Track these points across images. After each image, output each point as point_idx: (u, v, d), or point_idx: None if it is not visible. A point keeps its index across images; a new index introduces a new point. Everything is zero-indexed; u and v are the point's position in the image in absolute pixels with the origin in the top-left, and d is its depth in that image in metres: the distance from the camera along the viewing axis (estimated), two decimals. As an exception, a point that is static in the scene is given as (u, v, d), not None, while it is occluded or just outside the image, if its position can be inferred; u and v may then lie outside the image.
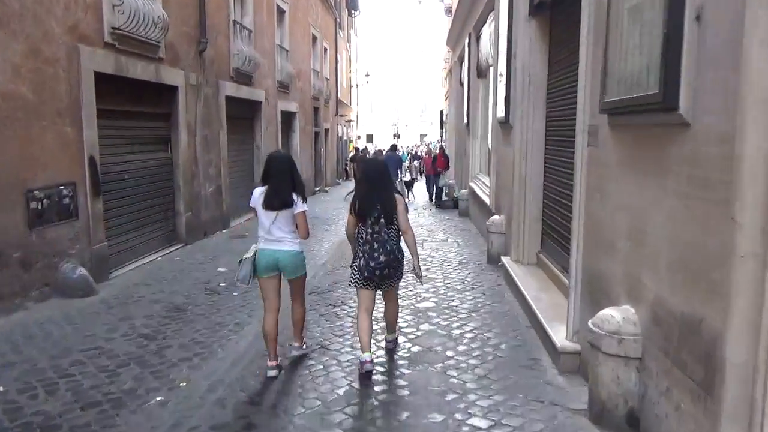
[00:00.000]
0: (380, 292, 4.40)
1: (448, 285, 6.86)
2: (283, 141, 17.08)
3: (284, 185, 4.09)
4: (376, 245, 4.11)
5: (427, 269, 7.77)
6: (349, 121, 37.51)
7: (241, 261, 4.19)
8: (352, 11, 37.93)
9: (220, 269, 8.11)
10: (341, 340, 5.00)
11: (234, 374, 4.30)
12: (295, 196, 4.09)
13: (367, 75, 41.43)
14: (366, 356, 4.12)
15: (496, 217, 7.77)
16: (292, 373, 4.33)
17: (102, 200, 7.34)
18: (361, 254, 4.19)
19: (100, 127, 7.24)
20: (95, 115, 7.10)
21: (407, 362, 4.48)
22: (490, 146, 10.71)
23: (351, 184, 28.96)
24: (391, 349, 4.67)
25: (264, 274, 4.16)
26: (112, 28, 7.43)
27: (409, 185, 17.64)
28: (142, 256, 8.47)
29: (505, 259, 6.89)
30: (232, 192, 12.67)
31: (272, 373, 4.18)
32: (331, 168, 26.16)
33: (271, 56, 15.29)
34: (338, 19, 27.96)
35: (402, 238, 4.34)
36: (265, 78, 14.78)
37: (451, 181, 18.05)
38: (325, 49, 24.08)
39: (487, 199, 9.27)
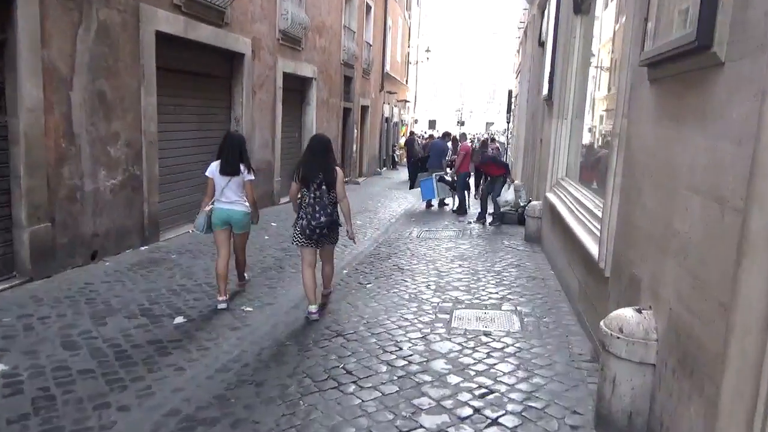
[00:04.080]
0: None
1: None
2: (288, 115, 12.57)
3: (234, 158, 5.04)
4: (317, 207, 4.65)
5: (439, 433, 3.05)
6: (404, 101, 32.74)
7: (199, 213, 5.14)
8: (415, -24, 33.00)
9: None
10: None
11: None
12: (242, 167, 5.07)
13: (427, 50, 36.31)
14: (312, 308, 4.85)
15: (629, 314, 2.88)
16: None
17: None
18: (303, 215, 4.71)
19: None
20: None
21: None
22: (598, 127, 5.85)
23: (397, 174, 24.22)
24: (324, 303, 5.10)
25: (218, 227, 5.13)
26: None
27: (451, 185, 12.56)
28: None
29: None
30: (172, 186, 8.29)
31: (222, 306, 5.04)
32: (370, 155, 21.54)
33: (267, -9, 10.75)
34: (391, -25, 23.14)
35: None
36: (256, 22, 10.27)
37: (516, 182, 12.97)
38: (369, 7, 19.36)
39: (593, 248, 4.33)
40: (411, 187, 15.13)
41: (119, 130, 6.78)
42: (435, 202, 13.15)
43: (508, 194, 10.60)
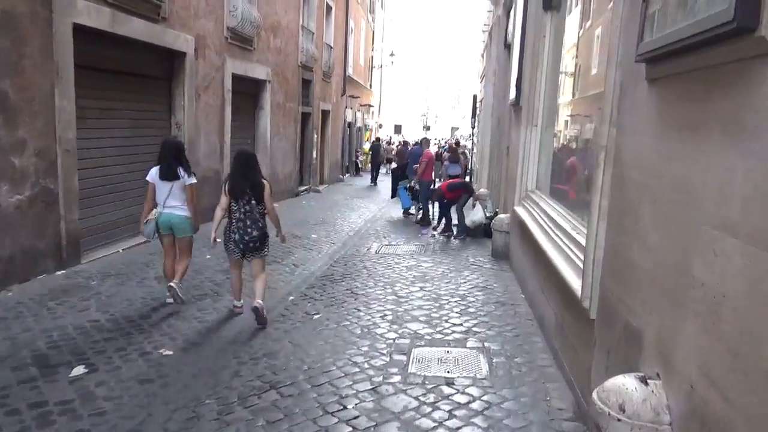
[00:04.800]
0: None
1: None
2: (239, 121, 11.69)
3: (174, 163, 5.17)
4: (249, 221, 4.89)
5: None
6: (368, 105, 32.07)
7: (147, 221, 5.20)
8: (378, -22, 32.41)
9: None
10: None
11: None
12: (182, 171, 5.19)
13: (392, 54, 35.69)
14: (238, 303, 5.23)
15: (631, 386, 2.19)
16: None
17: None
18: (235, 229, 4.92)
19: None
20: None
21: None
22: (573, 136, 5.28)
23: (361, 181, 23.49)
24: (259, 313, 4.86)
25: (163, 232, 5.29)
26: None
27: (415, 194, 11.82)
28: None
29: None
30: (98, 201, 7.36)
31: (169, 293, 5.30)
32: (332, 161, 20.75)
33: (212, -14, 9.89)
34: (353, -24, 22.44)
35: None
36: (199, 18, 9.40)
37: (482, 190, 12.37)
38: (329, 7, 18.60)
39: (573, 280, 3.63)
40: (392, 197, 14.54)
41: (26, 137, 5.84)
42: (413, 210, 12.27)
43: (476, 214, 9.92)
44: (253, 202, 4.90)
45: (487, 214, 10.63)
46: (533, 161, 6.65)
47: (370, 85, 33.20)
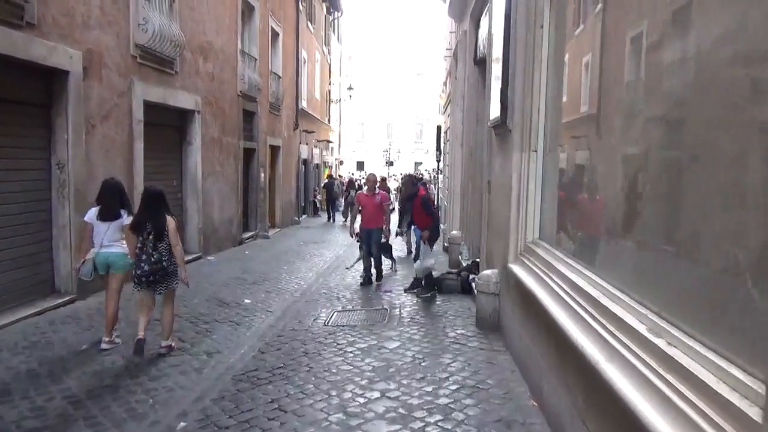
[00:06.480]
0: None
1: None
2: (158, 159, 9.57)
3: (115, 203, 5.29)
4: (144, 256, 5.01)
5: None
6: (326, 141, 30.29)
7: (83, 261, 5.21)
8: (333, 11, 31.09)
9: None
10: None
11: None
12: (122, 212, 5.31)
13: (350, 88, 34.17)
14: (141, 334, 5.04)
15: None
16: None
17: None
18: (136, 263, 5.07)
19: None
20: None
21: None
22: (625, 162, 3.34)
23: (319, 221, 21.56)
24: (164, 354, 5.04)
25: (102, 272, 5.29)
26: None
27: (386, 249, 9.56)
28: None
29: None
30: None
31: (105, 346, 5.18)
32: (285, 201, 18.64)
33: (111, -9, 7.88)
34: (303, 4, 20.81)
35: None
36: (91, 28, 7.37)
37: (454, 233, 10.45)
38: (275, 33, 16.82)
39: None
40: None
41: None
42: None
43: (426, 259, 7.80)
44: (152, 237, 4.99)
45: (463, 263, 8.73)
46: (533, 201, 4.76)
47: (329, 120, 31.51)
